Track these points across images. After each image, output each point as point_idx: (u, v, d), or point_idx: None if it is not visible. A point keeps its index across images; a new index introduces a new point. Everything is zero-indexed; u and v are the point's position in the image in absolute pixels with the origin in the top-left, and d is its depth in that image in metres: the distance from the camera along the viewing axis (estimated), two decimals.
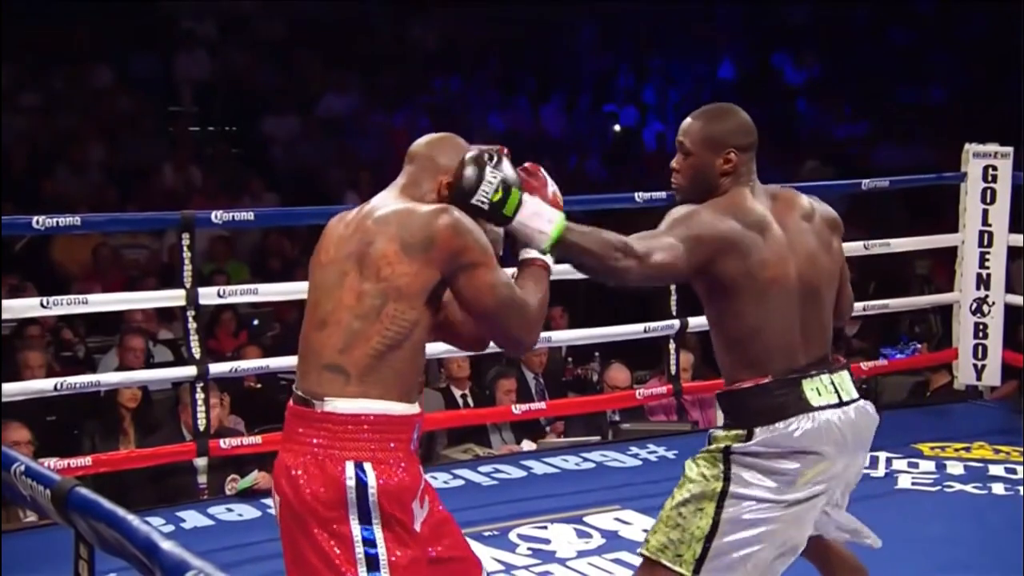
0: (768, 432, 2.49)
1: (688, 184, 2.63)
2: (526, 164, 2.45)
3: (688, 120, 2.65)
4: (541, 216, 2.36)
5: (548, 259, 2.37)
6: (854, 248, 5.85)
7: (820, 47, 12.91)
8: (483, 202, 2.32)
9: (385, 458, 2.25)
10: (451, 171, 2.37)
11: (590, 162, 11.58)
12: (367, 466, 2.23)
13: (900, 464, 4.86)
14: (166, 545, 1.30)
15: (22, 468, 1.52)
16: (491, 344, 2.54)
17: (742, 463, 2.50)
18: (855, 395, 2.61)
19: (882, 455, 4.87)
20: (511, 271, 2.37)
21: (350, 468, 2.23)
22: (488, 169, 2.33)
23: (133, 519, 1.36)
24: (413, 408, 2.32)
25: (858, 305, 6.10)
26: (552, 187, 2.44)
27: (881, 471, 4.78)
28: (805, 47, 12.92)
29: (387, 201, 2.36)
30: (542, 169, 2.47)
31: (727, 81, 12.58)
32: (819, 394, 2.53)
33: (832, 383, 2.56)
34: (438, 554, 2.35)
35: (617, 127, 12.51)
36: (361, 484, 2.22)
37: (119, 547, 1.39)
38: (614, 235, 2.45)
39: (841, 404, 2.56)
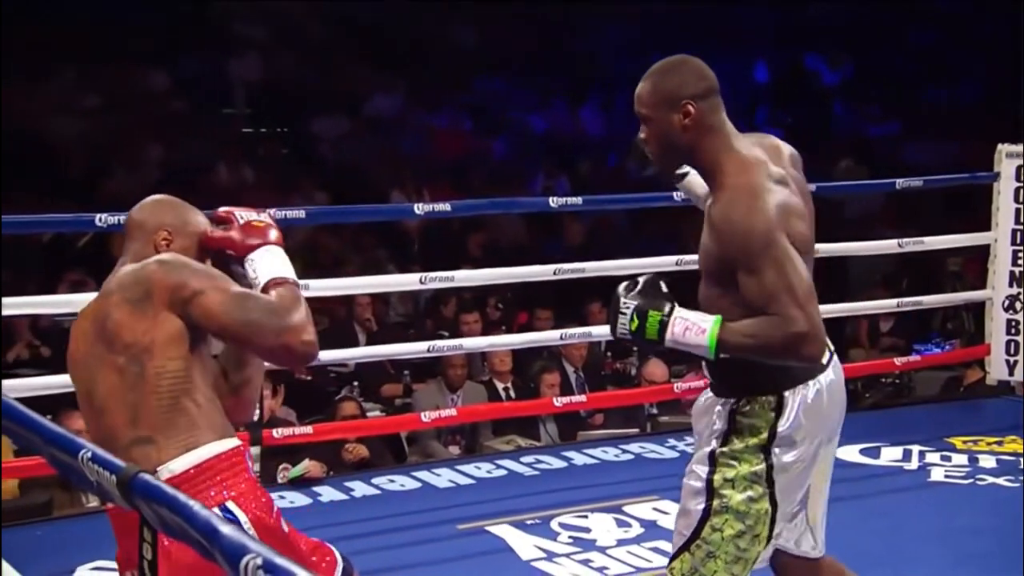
0: (796, 398, 2.36)
1: (659, 151, 2.44)
2: (220, 210, 2.38)
3: (639, 87, 2.45)
4: (691, 331, 2.30)
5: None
6: (889, 246, 5.83)
7: (852, 48, 12.81)
8: (624, 335, 2.35)
9: (242, 491, 2.23)
10: (164, 227, 2.36)
11: (630, 162, 11.55)
12: (230, 504, 2.20)
13: (933, 457, 4.82)
14: (225, 529, 1.32)
15: (89, 455, 1.55)
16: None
17: (787, 458, 2.37)
18: (830, 346, 2.46)
19: (915, 448, 4.84)
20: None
21: (218, 513, 2.23)
22: (622, 301, 2.35)
23: (194, 504, 1.39)
24: (234, 440, 2.29)
25: (892, 301, 6.10)
26: (274, 234, 2.30)
27: (914, 464, 4.75)
28: (837, 48, 12.82)
29: (111, 278, 2.33)
30: (250, 213, 2.35)
31: (762, 82, 12.50)
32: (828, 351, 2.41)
33: None
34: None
35: None
36: (236, 522, 2.17)
37: (180, 530, 1.41)
38: (764, 319, 2.26)
39: (832, 354, 2.45)
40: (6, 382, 4.58)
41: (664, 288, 2.40)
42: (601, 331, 5.90)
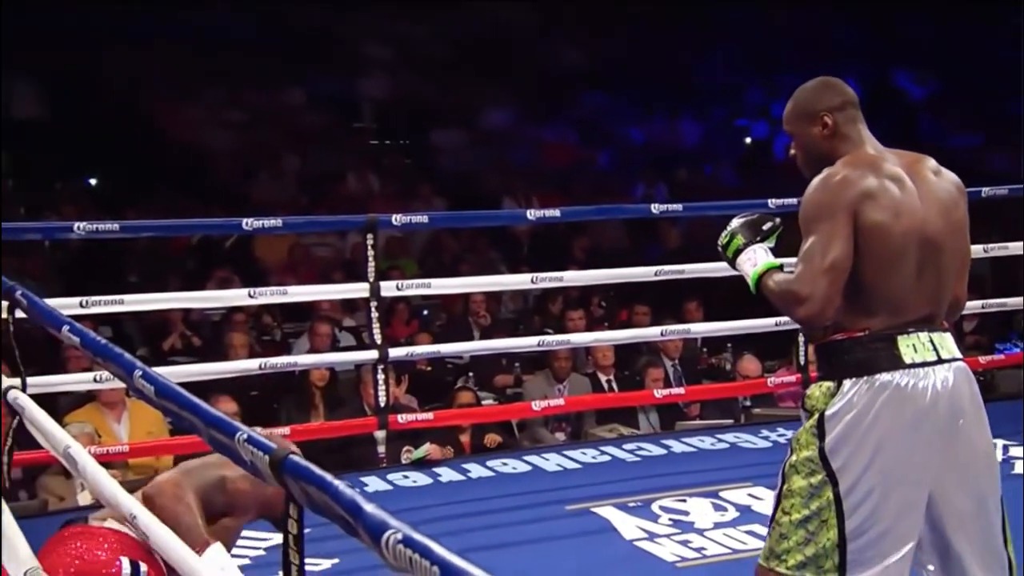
0: (856, 388, 2.28)
1: (805, 161, 2.47)
2: None
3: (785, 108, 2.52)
4: (749, 262, 2.44)
5: None
6: (975, 251, 5.63)
7: (937, 64, 12.47)
8: (719, 246, 2.53)
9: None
10: None
11: (723, 171, 11.41)
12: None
13: (1016, 451, 4.66)
14: (369, 507, 1.32)
15: (244, 436, 1.57)
16: None
17: (839, 441, 2.27)
18: (957, 354, 2.34)
19: (999, 442, 4.68)
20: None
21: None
22: (731, 222, 2.52)
23: (339, 484, 1.39)
24: None
25: (977, 303, 5.91)
26: None
27: (998, 457, 4.59)
28: (924, 64, 12.50)
29: None
30: None
31: None
32: (915, 351, 2.29)
33: (931, 341, 2.31)
34: None
35: (748, 139, 12.29)
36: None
37: (325, 507, 1.42)
38: (790, 275, 2.33)
39: (940, 362, 2.30)
40: (163, 369, 4.70)
41: (764, 226, 2.48)
42: (699, 328, 5.86)
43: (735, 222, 2.52)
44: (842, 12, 12.66)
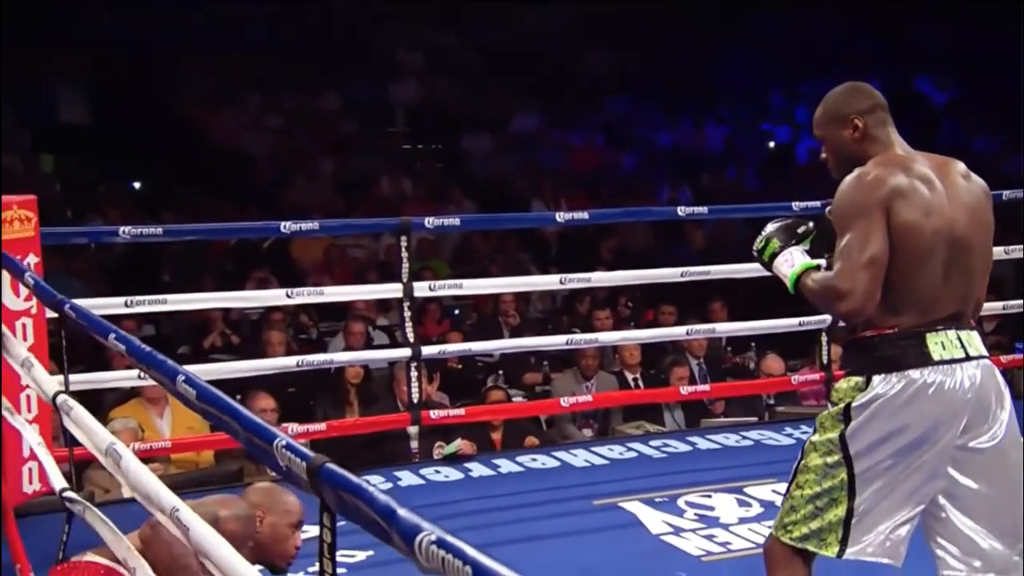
0: (885, 383, 2.28)
1: (836, 163, 2.46)
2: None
3: (815, 114, 2.52)
4: (786, 264, 2.44)
5: None
6: (996, 252, 5.57)
7: (957, 69, 12.36)
8: (754, 251, 2.53)
9: None
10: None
11: (747, 174, 11.36)
12: None
13: None
14: (402, 511, 1.32)
15: (283, 443, 1.56)
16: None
17: (862, 428, 2.28)
18: (984, 352, 2.33)
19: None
20: None
21: None
22: (766, 227, 2.52)
23: (373, 490, 1.38)
24: None
25: (997, 304, 5.84)
26: None
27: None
28: (944, 69, 12.39)
29: None
30: None
31: None
32: (943, 348, 2.29)
33: (959, 338, 2.31)
34: None
35: (772, 143, 12.23)
36: None
37: (358, 513, 1.41)
38: (828, 272, 2.34)
39: (968, 359, 2.30)
40: (204, 366, 4.74)
41: (799, 230, 2.49)
42: (723, 327, 5.83)
43: (770, 227, 2.52)
44: (864, 19, 12.58)
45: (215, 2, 10.58)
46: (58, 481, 2.94)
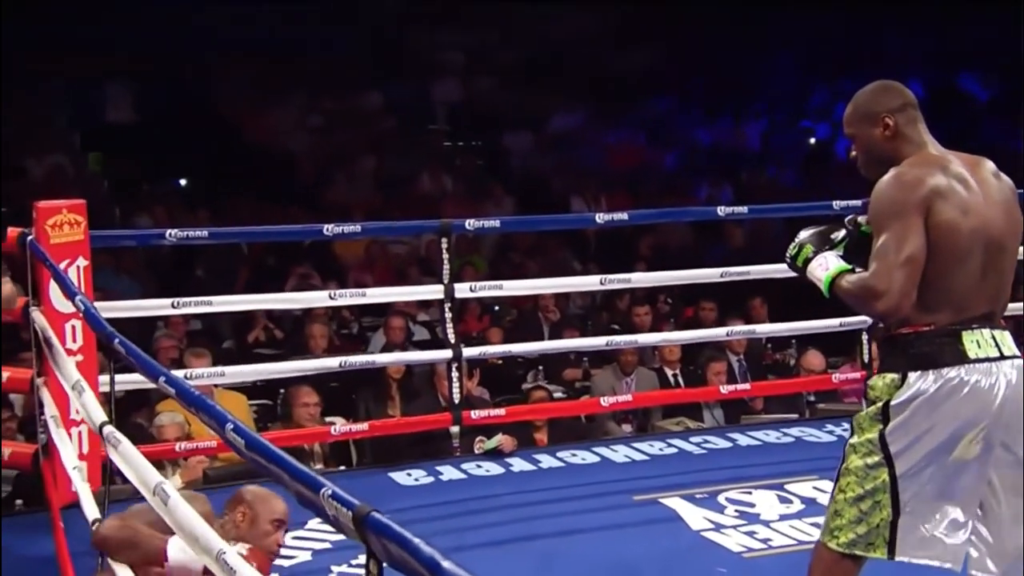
0: (922, 380, 2.26)
1: (866, 162, 2.44)
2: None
3: (845, 112, 2.50)
4: (820, 267, 2.42)
5: None
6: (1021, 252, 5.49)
7: (1001, 66, 12.18)
8: (787, 258, 2.52)
9: None
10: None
11: (786, 172, 11.27)
12: None
13: None
14: (446, 564, 1.31)
15: (329, 493, 1.56)
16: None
17: (901, 427, 2.26)
18: (1017, 351, 2.32)
19: None
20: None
21: None
22: (799, 234, 2.51)
23: (419, 541, 1.38)
24: None
25: (1018, 305, 5.73)
26: None
27: None
28: (989, 67, 12.21)
29: None
30: None
31: (918, 99, 12.01)
32: (978, 346, 2.28)
33: (993, 337, 2.30)
34: None
35: (812, 140, 12.12)
36: None
37: (404, 563, 1.41)
38: (864, 273, 2.31)
39: (1002, 358, 2.29)
40: (251, 367, 4.79)
41: (832, 236, 2.47)
42: (764, 328, 5.78)
43: (803, 234, 2.50)
44: (907, 16, 12.43)
45: (258, 3, 10.66)
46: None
